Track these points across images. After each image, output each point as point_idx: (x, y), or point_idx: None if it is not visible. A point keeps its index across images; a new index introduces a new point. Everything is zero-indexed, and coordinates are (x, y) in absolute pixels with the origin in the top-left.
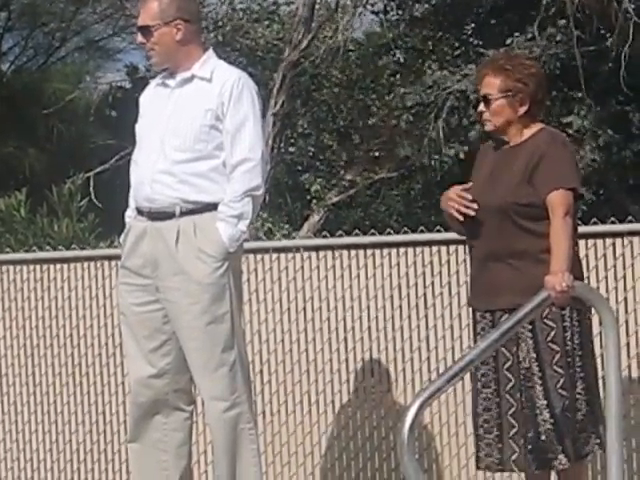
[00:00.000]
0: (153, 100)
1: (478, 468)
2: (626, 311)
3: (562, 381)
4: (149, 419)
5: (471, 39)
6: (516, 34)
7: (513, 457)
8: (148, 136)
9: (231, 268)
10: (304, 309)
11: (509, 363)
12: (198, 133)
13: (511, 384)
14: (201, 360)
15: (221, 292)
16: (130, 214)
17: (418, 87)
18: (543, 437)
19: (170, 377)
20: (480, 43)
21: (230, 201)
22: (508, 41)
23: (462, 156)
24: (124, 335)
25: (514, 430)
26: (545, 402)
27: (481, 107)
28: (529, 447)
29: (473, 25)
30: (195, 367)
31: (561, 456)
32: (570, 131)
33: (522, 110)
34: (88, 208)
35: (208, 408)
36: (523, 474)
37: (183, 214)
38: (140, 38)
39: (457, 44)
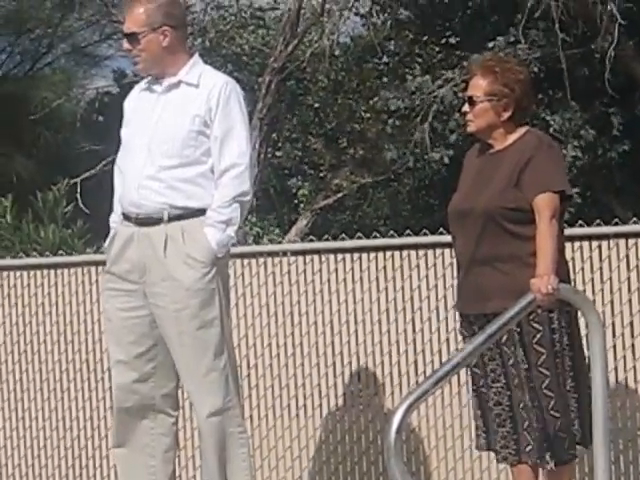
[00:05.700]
0: (139, 105)
1: (498, 461)
2: (612, 314)
3: (547, 382)
4: (137, 423)
5: (454, 43)
6: (499, 38)
7: (527, 448)
8: (134, 142)
9: (219, 273)
10: (291, 313)
11: (512, 360)
12: (186, 139)
13: (517, 380)
14: (192, 365)
15: (210, 297)
16: (115, 219)
17: (402, 92)
18: (528, 435)
19: (155, 381)
20: (463, 47)
21: (219, 207)
22: (491, 44)
23: (446, 161)
24: (108, 341)
25: (526, 423)
26: (530, 403)
27: (465, 107)
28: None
29: (457, 28)
30: (185, 373)
31: (547, 456)
32: (551, 130)
33: (506, 115)
34: (75, 214)
35: (198, 413)
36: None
37: (171, 220)
38: (126, 45)
39: (440, 48)
